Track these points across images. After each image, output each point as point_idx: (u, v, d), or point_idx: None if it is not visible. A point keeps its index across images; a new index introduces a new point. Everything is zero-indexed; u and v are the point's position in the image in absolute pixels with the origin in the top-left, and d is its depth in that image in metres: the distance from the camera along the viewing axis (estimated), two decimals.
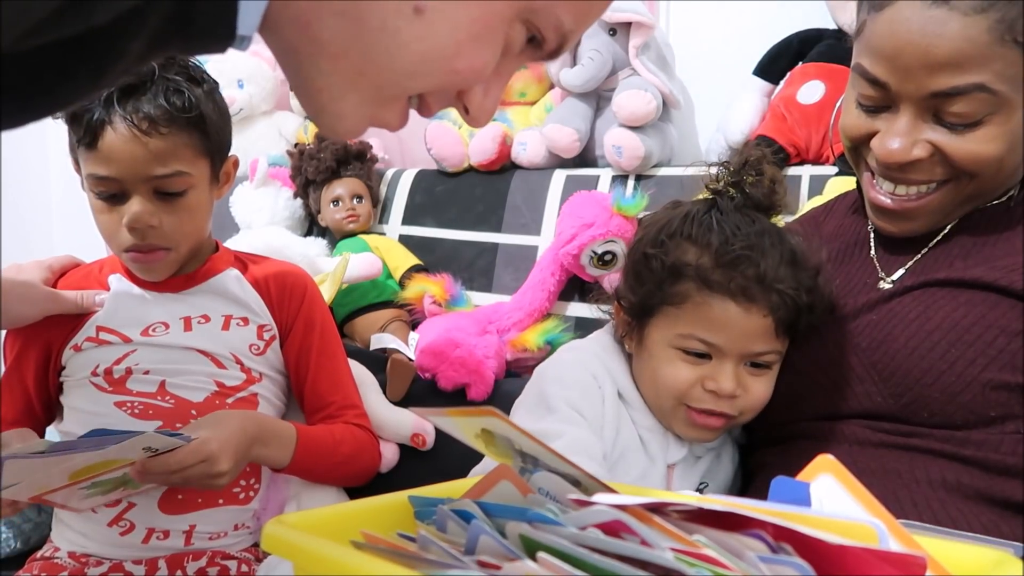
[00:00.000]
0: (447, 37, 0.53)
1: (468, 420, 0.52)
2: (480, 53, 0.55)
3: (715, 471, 0.99)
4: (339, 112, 0.57)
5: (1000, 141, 0.82)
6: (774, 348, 0.90)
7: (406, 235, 1.69)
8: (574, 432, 0.89)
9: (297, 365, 1.16)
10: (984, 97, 0.79)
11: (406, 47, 0.53)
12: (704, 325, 0.88)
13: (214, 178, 1.08)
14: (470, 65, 0.55)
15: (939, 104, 0.81)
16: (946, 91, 0.80)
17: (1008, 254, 0.86)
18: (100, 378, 1.06)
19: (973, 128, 0.81)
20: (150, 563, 1.04)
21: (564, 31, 0.57)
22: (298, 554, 0.48)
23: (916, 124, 0.83)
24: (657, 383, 0.93)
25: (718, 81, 1.67)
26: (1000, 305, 0.83)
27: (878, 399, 0.86)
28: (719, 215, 0.91)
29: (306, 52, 0.55)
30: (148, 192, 1.01)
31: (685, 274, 0.89)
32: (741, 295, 0.87)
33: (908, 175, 0.87)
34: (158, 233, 1.03)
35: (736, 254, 0.87)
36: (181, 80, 1.01)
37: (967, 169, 0.84)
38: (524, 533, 0.44)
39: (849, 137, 0.91)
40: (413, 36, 0.53)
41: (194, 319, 1.10)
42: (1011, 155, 0.84)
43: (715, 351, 0.89)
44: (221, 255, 1.15)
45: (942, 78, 0.79)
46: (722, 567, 0.40)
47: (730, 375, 0.89)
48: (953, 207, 0.89)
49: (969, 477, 0.82)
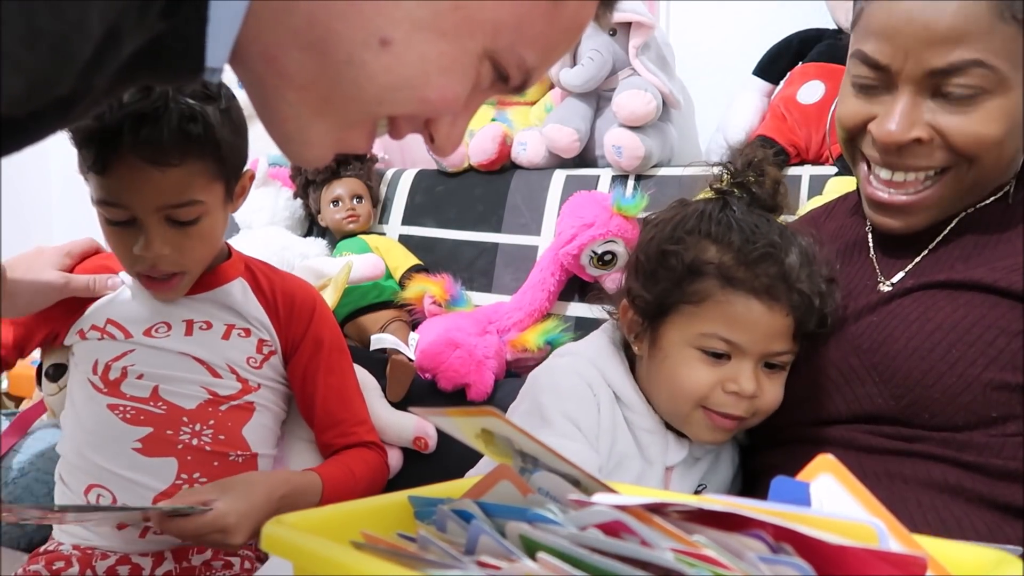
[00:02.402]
0: (416, 68, 0.55)
1: (468, 420, 0.52)
2: (451, 85, 0.57)
3: (713, 473, 0.98)
4: (305, 140, 0.58)
5: (1000, 122, 0.81)
6: (791, 349, 0.89)
7: (406, 235, 1.69)
8: (570, 446, 0.88)
9: (304, 383, 1.15)
10: (982, 73, 0.79)
11: (374, 78, 0.55)
12: (726, 324, 0.87)
13: (228, 197, 1.06)
14: (441, 95, 0.57)
15: (938, 82, 0.81)
16: (944, 68, 0.79)
17: (1008, 255, 0.86)
18: (97, 377, 1.06)
19: (972, 106, 0.80)
20: (156, 555, 1.04)
21: (527, 68, 0.59)
22: (298, 554, 0.48)
23: (915, 104, 0.83)
24: (674, 385, 0.90)
25: (718, 81, 1.67)
26: (1000, 306, 0.82)
27: (879, 400, 0.86)
28: (732, 213, 0.90)
29: (272, 84, 0.56)
30: (160, 221, 0.98)
31: (706, 272, 0.87)
32: (765, 293, 0.86)
33: (906, 160, 0.85)
34: (171, 260, 1.01)
35: (761, 252, 0.86)
36: (195, 101, 0.96)
37: (967, 151, 0.82)
38: (524, 533, 0.44)
39: (846, 126, 0.90)
40: (380, 68, 0.54)
41: (196, 324, 1.09)
42: (1010, 140, 0.83)
43: (736, 351, 0.87)
44: (232, 263, 1.14)
45: (941, 54, 0.79)
46: (722, 567, 0.40)
47: (750, 376, 0.87)
48: (951, 201, 0.87)
49: (971, 481, 0.81)
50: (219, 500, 0.95)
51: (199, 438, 1.05)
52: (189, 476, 1.04)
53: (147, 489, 1.03)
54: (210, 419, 1.06)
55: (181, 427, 1.05)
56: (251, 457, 1.09)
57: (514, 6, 0.56)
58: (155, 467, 1.03)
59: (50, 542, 1.08)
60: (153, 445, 1.04)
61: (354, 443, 1.15)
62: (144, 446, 1.04)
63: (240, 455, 1.08)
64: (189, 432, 1.05)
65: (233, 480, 1.00)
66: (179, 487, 1.03)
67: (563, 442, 0.88)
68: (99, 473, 1.04)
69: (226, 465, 1.06)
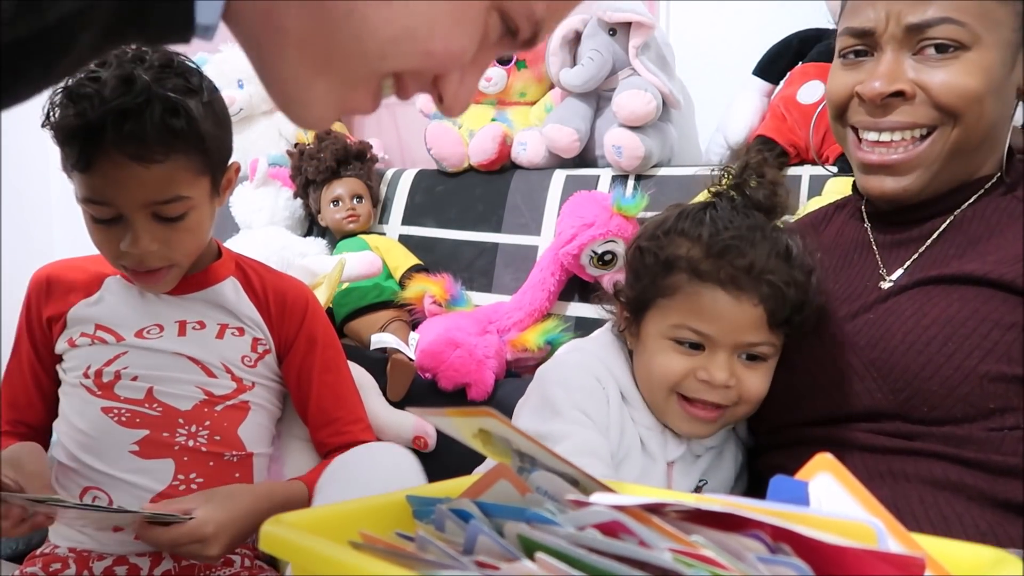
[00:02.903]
0: (419, 19, 0.52)
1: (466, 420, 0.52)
2: (457, 37, 0.54)
3: (715, 469, 0.99)
4: (307, 100, 0.55)
5: (976, 76, 0.86)
6: (767, 340, 0.91)
7: (406, 235, 1.69)
8: (582, 433, 0.90)
9: (299, 382, 1.15)
10: (954, 28, 0.86)
11: (376, 31, 0.52)
12: (695, 315, 0.89)
13: (215, 191, 1.05)
14: (446, 47, 0.54)
15: (916, 38, 0.87)
16: (919, 23, 0.87)
17: (1000, 248, 0.87)
18: (90, 380, 1.06)
19: (950, 61, 0.87)
20: (154, 556, 1.04)
21: (537, 19, 0.56)
22: (296, 554, 0.48)
23: (897, 60, 0.89)
24: (650, 374, 0.94)
25: (718, 81, 1.67)
26: (994, 299, 0.84)
27: (878, 396, 0.87)
28: (713, 211, 0.92)
29: (270, 41, 0.53)
30: (147, 218, 0.98)
31: (677, 266, 0.90)
32: (731, 284, 0.88)
33: (892, 116, 0.89)
34: (157, 255, 1.01)
35: (724, 244, 0.89)
36: (177, 95, 0.95)
37: (949, 105, 0.87)
38: (522, 533, 0.44)
39: (835, 98, 0.95)
40: (382, 20, 0.52)
41: (189, 324, 1.09)
42: (991, 99, 0.87)
43: (708, 341, 0.90)
44: (223, 262, 1.13)
45: (917, 11, 0.87)
46: (721, 567, 0.40)
47: (722, 365, 0.89)
48: (941, 163, 0.90)
49: (971, 478, 0.82)
50: (199, 509, 0.94)
51: (195, 439, 1.05)
52: (186, 477, 1.04)
53: (145, 491, 1.02)
54: (206, 419, 1.06)
55: (177, 428, 1.04)
56: (247, 457, 1.09)
57: None
58: (152, 469, 1.03)
59: (46, 545, 1.08)
60: (150, 447, 1.04)
61: (349, 442, 1.14)
62: (141, 448, 1.03)
63: (236, 455, 1.08)
64: (185, 433, 1.05)
65: (215, 491, 1.00)
66: (176, 488, 1.03)
67: (575, 429, 0.90)
68: (95, 476, 1.03)
69: (222, 465, 1.06)
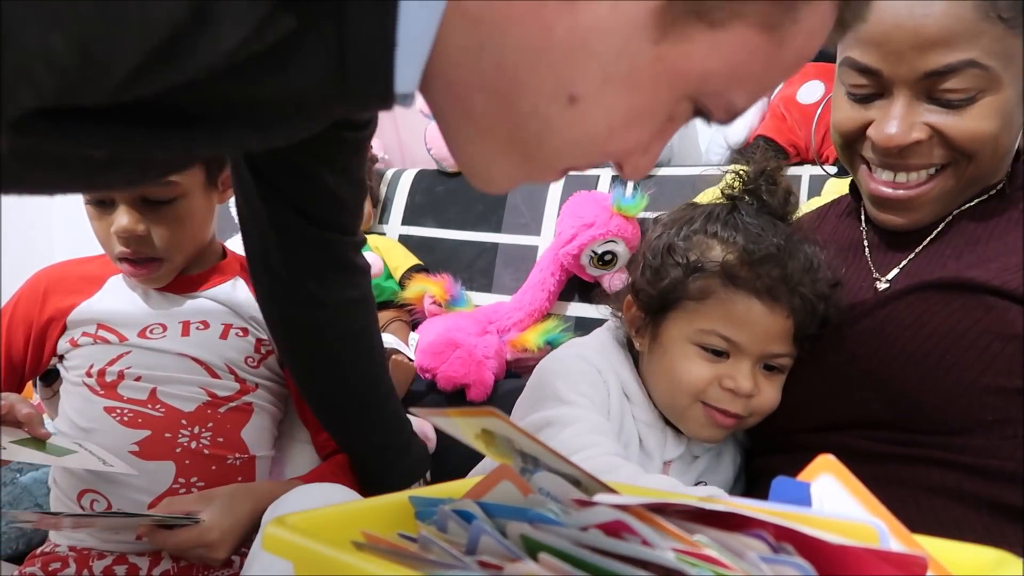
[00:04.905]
0: (600, 124, 0.51)
1: (468, 420, 0.52)
2: (636, 136, 0.54)
3: (714, 471, 0.99)
4: (489, 176, 0.57)
5: (995, 118, 0.83)
6: (790, 352, 0.90)
7: (406, 235, 1.69)
8: (590, 416, 0.89)
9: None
10: (976, 73, 0.81)
11: (556, 133, 0.52)
12: (727, 321, 0.88)
13: (211, 184, 1.05)
14: (623, 147, 0.54)
15: (932, 84, 0.82)
16: (938, 70, 0.81)
17: (1001, 253, 0.86)
18: (93, 379, 1.06)
19: (968, 106, 0.82)
20: (153, 555, 1.03)
21: (735, 110, 0.55)
22: (298, 555, 0.48)
23: (912, 107, 0.84)
24: (673, 379, 0.92)
25: None
26: (995, 309, 0.82)
27: (876, 406, 0.86)
28: (743, 217, 0.91)
29: (456, 120, 0.54)
30: (134, 200, 0.99)
31: (710, 270, 0.89)
32: (767, 294, 0.87)
33: (907, 160, 0.87)
34: (148, 243, 1.01)
35: (764, 253, 0.88)
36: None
37: (965, 148, 0.84)
38: (525, 533, 0.44)
39: (842, 132, 0.91)
40: (564, 124, 0.51)
41: (193, 324, 1.09)
42: (1005, 134, 0.85)
43: (734, 349, 0.89)
44: (228, 263, 1.14)
45: (933, 57, 0.81)
46: (723, 567, 0.40)
47: (748, 374, 0.89)
48: (953, 194, 0.88)
49: (970, 484, 0.81)
50: (203, 513, 0.95)
51: (198, 441, 1.05)
52: (187, 480, 1.04)
53: (143, 493, 1.02)
54: (209, 421, 1.06)
55: (180, 430, 1.04)
56: (249, 460, 1.09)
57: (729, 54, 0.50)
58: (152, 471, 1.02)
59: (46, 544, 1.08)
60: (151, 448, 1.03)
61: None
62: (142, 449, 1.03)
63: (238, 458, 1.08)
64: (188, 435, 1.04)
65: (216, 492, 1.00)
66: (176, 491, 1.02)
67: (583, 412, 0.89)
68: (92, 477, 1.03)
69: (224, 469, 1.06)
